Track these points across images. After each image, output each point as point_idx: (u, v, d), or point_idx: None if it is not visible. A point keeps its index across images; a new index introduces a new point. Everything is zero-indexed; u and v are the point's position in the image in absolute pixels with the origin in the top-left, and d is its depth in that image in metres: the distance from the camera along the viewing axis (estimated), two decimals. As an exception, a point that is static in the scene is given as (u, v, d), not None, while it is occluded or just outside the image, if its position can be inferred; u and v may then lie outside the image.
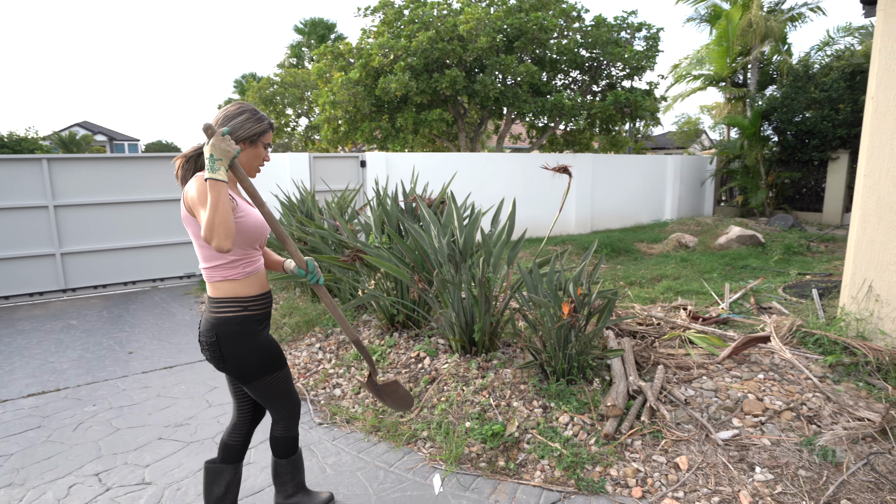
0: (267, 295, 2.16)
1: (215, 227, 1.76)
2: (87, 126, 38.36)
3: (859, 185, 3.92)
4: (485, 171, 10.78)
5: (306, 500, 2.50)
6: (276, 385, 2.17)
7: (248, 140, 2.05)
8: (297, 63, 24.46)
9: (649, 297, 5.70)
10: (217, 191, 1.78)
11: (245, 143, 2.06)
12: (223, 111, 2.06)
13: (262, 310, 2.11)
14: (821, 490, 2.48)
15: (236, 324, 2.03)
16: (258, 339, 2.08)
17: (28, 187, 7.03)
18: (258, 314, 2.10)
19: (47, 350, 5.06)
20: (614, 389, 3.13)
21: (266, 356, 2.10)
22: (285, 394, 2.22)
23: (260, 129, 2.07)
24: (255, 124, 2.06)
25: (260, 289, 2.11)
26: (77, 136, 30.87)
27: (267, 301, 2.15)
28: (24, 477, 2.93)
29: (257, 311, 2.09)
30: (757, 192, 12.77)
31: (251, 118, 2.05)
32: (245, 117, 2.04)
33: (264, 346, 2.10)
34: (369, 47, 11.62)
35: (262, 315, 2.12)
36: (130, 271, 7.82)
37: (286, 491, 2.45)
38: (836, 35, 13.52)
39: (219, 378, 4.28)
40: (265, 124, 2.09)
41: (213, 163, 1.81)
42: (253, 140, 2.07)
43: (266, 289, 2.16)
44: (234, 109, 2.05)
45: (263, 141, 2.10)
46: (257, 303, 2.09)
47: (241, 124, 2.03)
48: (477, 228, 3.78)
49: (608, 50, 12.07)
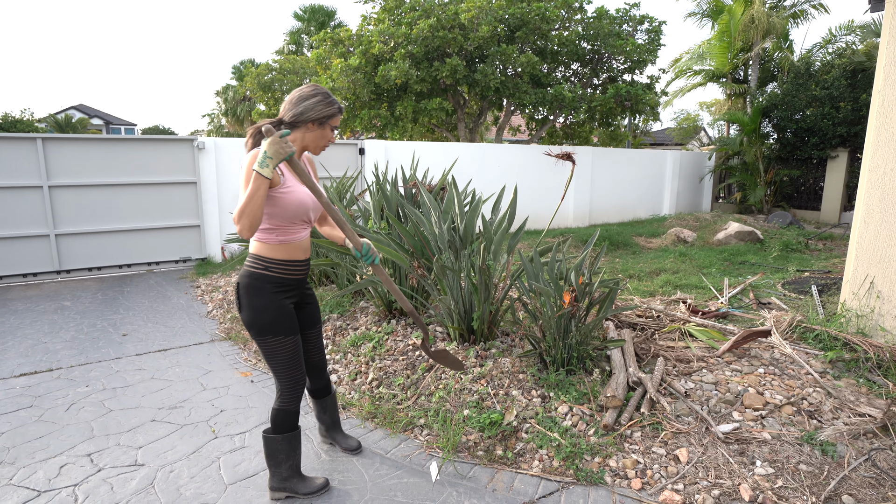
0: (293, 263, 2.29)
1: (244, 216, 2.01)
2: (84, 109, 37.98)
3: (863, 179, 3.89)
4: (484, 161, 10.71)
5: (301, 486, 2.47)
6: (275, 350, 2.28)
7: (317, 121, 2.22)
8: (297, 50, 24.23)
9: (648, 291, 5.68)
10: (258, 185, 1.99)
11: (314, 124, 2.23)
12: (298, 91, 2.23)
13: (281, 275, 2.26)
14: (822, 485, 2.46)
15: (255, 278, 2.23)
16: (268, 299, 2.23)
17: (22, 167, 6.93)
18: (276, 277, 2.25)
19: (40, 330, 5.00)
20: (614, 380, 3.10)
21: (269, 317, 2.23)
22: (284, 363, 2.31)
23: (329, 113, 2.23)
24: (326, 108, 2.22)
25: (286, 256, 2.26)
26: (73, 119, 30.55)
27: (290, 269, 2.29)
28: (14, 456, 2.88)
29: (277, 273, 2.25)
30: (755, 189, 12.76)
31: (322, 101, 2.22)
32: (317, 100, 2.21)
33: (272, 307, 2.23)
34: (369, 34, 11.49)
35: (281, 280, 2.27)
36: (125, 254, 7.75)
37: (281, 473, 2.43)
38: (838, 33, 13.47)
39: (213, 362, 4.23)
40: (334, 108, 2.25)
41: (265, 159, 1.98)
42: (321, 122, 2.23)
43: (295, 258, 2.29)
44: (308, 91, 2.22)
45: (331, 123, 2.26)
46: (279, 267, 2.25)
47: (313, 106, 2.20)
48: (478, 215, 3.73)
49: (610, 42, 11.98)
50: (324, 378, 2.75)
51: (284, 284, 2.29)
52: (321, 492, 2.49)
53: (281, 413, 2.37)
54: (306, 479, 2.50)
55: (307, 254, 2.37)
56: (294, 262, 2.30)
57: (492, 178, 10.50)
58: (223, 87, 27.64)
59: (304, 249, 2.35)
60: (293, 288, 2.34)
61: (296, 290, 2.37)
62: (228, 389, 3.72)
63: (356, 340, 4.16)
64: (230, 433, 3.11)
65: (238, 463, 2.80)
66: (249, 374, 3.98)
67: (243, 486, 2.59)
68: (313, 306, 2.56)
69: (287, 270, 2.29)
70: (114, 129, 38.01)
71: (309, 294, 2.53)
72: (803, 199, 13.27)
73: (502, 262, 3.80)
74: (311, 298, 2.55)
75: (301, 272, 2.36)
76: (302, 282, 2.41)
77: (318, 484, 2.50)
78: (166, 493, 2.56)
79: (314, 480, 2.51)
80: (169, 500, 2.50)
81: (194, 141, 7.94)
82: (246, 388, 3.73)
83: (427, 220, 3.76)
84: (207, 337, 4.86)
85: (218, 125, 30.17)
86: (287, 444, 2.41)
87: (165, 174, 7.84)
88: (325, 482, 2.52)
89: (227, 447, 2.96)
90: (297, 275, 2.34)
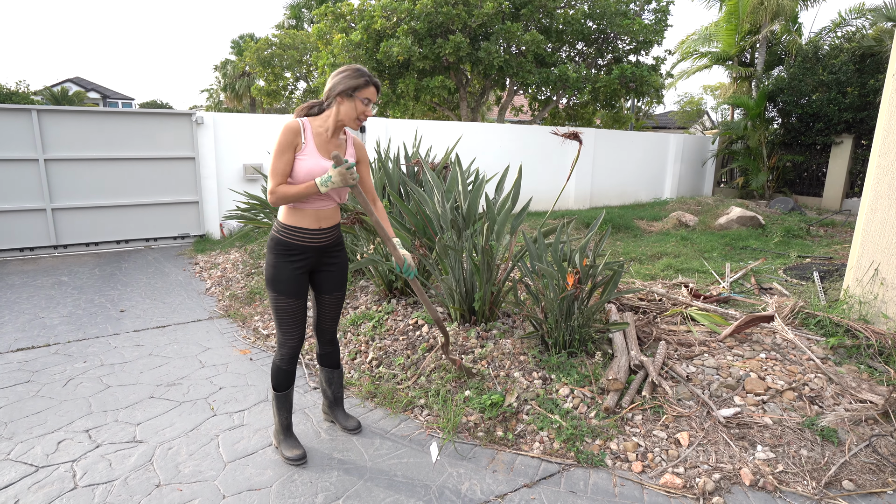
0: (302, 231, 2.39)
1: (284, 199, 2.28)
2: (80, 82, 37.48)
3: (872, 165, 3.83)
4: (486, 141, 10.60)
5: (282, 445, 2.64)
6: (275, 305, 2.45)
7: (343, 93, 2.31)
8: (297, 25, 23.83)
9: (650, 274, 5.65)
10: (308, 192, 2.26)
11: (342, 97, 2.32)
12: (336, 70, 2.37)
13: (290, 239, 2.39)
14: (822, 470, 2.46)
15: (271, 238, 2.44)
16: (276, 259, 2.41)
17: (17, 139, 6.83)
18: (285, 241, 2.39)
19: (37, 305, 4.97)
20: (616, 363, 3.08)
21: (273, 274, 2.42)
22: (280, 320, 2.47)
23: (354, 84, 2.30)
24: (351, 80, 2.31)
25: (296, 222, 2.38)
26: (69, 93, 30.17)
27: (299, 235, 2.39)
28: (12, 431, 2.87)
29: (286, 238, 2.39)
30: (758, 175, 12.66)
31: (350, 75, 2.32)
32: (345, 74, 2.32)
33: (277, 266, 2.41)
34: (371, 9, 11.27)
35: (290, 244, 2.40)
36: (123, 230, 7.69)
37: (275, 424, 2.67)
38: (848, 16, 13.24)
39: (212, 339, 4.21)
40: (361, 80, 2.31)
41: (327, 181, 2.23)
42: (349, 93, 2.31)
43: (304, 225, 2.39)
44: (340, 68, 2.35)
45: (359, 96, 2.32)
46: (291, 233, 2.39)
47: (341, 80, 2.32)
48: (481, 195, 3.68)
49: (616, 22, 11.76)
50: (329, 347, 2.81)
51: (294, 249, 2.41)
52: (292, 462, 2.57)
53: (273, 367, 2.58)
54: (288, 442, 2.64)
55: (321, 223, 2.44)
56: (303, 230, 2.39)
57: (494, 158, 10.40)
58: (222, 62, 27.24)
59: (319, 219, 2.42)
60: (302, 253, 2.43)
61: (307, 255, 2.45)
62: (227, 367, 3.70)
63: (356, 320, 4.13)
64: (229, 411, 3.10)
65: (237, 441, 2.78)
66: (248, 352, 3.96)
67: (242, 464, 2.59)
68: (333, 273, 2.59)
69: (296, 236, 2.39)
70: (111, 103, 37.56)
71: (330, 262, 2.57)
72: (805, 185, 13.19)
73: (505, 242, 3.75)
74: (333, 266, 2.58)
75: (312, 240, 2.43)
76: (316, 249, 2.47)
77: (293, 455, 2.58)
78: (165, 469, 2.55)
79: (292, 448, 2.60)
80: (168, 477, 2.49)
81: (193, 116, 7.83)
82: (245, 366, 3.71)
83: (430, 199, 3.71)
84: (206, 314, 4.83)
85: (217, 101, 29.81)
86: (275, 401, 2.59)
87: (163, 149, 7.74)
88: (298, 456, 2.58)
89: (225, 425, 2.94)
90: (307, 242, 2.42)
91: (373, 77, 2.35)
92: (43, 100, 27.06)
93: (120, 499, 2.35)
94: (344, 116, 2.35)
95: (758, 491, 2.36)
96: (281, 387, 2.57)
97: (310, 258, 2.46)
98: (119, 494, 2.37)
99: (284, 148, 2.27)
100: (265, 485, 2.44)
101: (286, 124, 2.29)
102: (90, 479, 2.48)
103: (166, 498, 2.35)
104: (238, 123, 8.19)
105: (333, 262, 2.58)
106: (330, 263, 2.57)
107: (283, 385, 2.58)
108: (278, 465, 2.58)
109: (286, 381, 2.57)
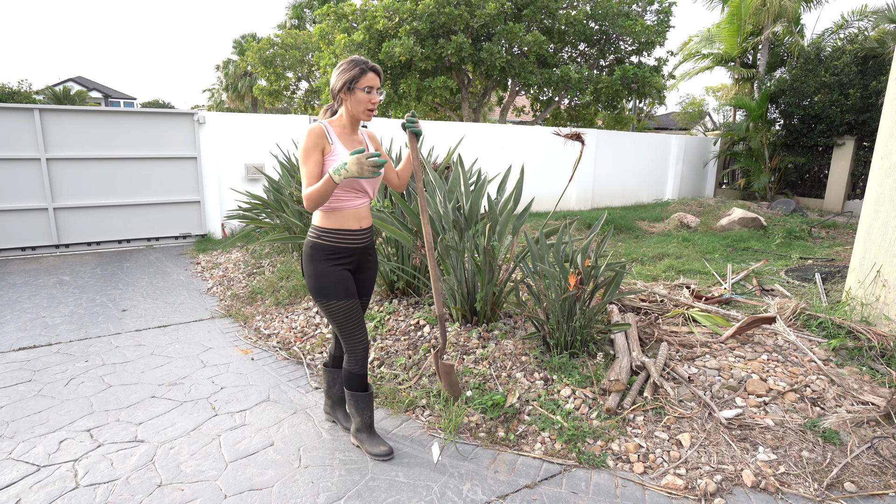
0: (344, 232, 2.37)
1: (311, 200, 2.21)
2: (82, 82, 37.54)
3: (875, 167, 3.83)
4: (488, 142, 10.60)
5: (367, 442, 2.63)
6: (331, 313, 2.40)
7: (343, 90, 2.28)
8: (299, 24, 23.86)
9: (651, 275, 5.65)
10: (327, 185, 2.17)
11: (345, 93, 2.29)
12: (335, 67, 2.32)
13: (330, 242, 2.36)
14: (824, 472, 2.45)
15: (310, 246, 2.39)
16: (318, 266, 2.37)
17: (19, 138, 6.84)
18: (325, 245, 2.36)
19: (39, 305, 4.98)
20: (617, 364, 3.08)
21: (322, 283, 2.36)
22: (341, 325, 2.42)
23: (350, 77, 2.25)
24: (347, 73, 2.25)
25: (338, 225, 2.36)
26: (71, 92, 30.21)
27: (341, 238, 2.37)
28: (13, 430, 2.87)
29: (326, 241, 2.36)
30: (760, 176, 12.65)
31: (346, 69, 2.26)
32: (341, 70, 2.27)
33: (324, 273, 2.36)
34: (374, 9, 11.28)
35: (330, 248, 2.36)
36: (125, 229, 7.70)
37: (355, 424, 2.67)
38: (851, 18, 13.23)
39: (213, 339, 4.21)
40: (356, 70, 2.24)
41: (339, 169, 2.12)
42: (349, 88, 2.27)
43: (346, 227, 2.37)
44: (338, 65, 2.29)
45: (359, 86, 2.26)
46: (330, 236, 2.36)
47: (338, 77, 2.27)
48: (483, 195, 3.68)
49: (618, 23, 11.78)
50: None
51: (337, 252, 2.39)
52: (383, 458, 2.58)
53: (347, 374, 2.54)
54: (374, 438, 2.63)
55: (362, 223, 2.44)
56: (345, 232, 2.38)
57: (495, 158, 10.40)
58: (224, 62, 27.28)
59: (359, 218, 2.41)
60: (347, 255, 2.42)
61: (351, 257, 2.44)
62: (229, 367, 3.70)
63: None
64: (230, 410, 3.10)
65: (238, 440, 2.79)
66: (250, 352, 3.96)
67: (244, 464, 2.59)
68: (367, 276, 2.60)
69: (338, 239, 2.38)
70: (113, 103, 37.61)
71: (367, 265, 2.57)
72: (807, 186, 13.17)
73: (506, 243, 3.75)
74: (368, 270, 2.59)
75: (354, 241, 2.42)
76: (358, 250, 2.46)
77: (382, 450, 2.59)
78: (166, 469, 2.55)
79: (379, 445, 2.61)
80: (169, 477, 2.49)
81: (195, 115, 7.83)
82: (246, 366, 3.72)
83: (432, 199, 3.71)
84: (207, 314, 4.83)
85: (218, 100, 29.85)
86: (356, 401, 2.58)
87: (165, 149, 7.75)
88: (388, 450, 2.59)
89: (227, 424, 2.94)
90: (349, 243, 2.41)
91: (368, 63, 2.28)
92: (45, 99, 27.11)
93: (121, 498, 2.35)
94: (353, 111, 2.33)
95: (759, 492, 2.36)
96: (365, 386, 2.56)
97: (353, 259, 2.46)
98: (120, 494, 2.37)
99: (310, 150, 2.25)
100: (267, 485, 2.44)
101: (309, 128, 2.28)
102: (91, 478, 2.48)
103: (168, 497, 2.35)
104: (240, 123, 8.20)
105: (369, 265, 2.58)
106: (367, 267, 2.57)
107: (365, 385, 2.56)
108: (279, 464, 2.58)
109: (365, 382, 2.56)
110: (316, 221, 2.39)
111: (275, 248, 6.50)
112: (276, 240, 4.88)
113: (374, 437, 2.66)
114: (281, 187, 6.07)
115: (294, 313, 4.54)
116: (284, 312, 4.61)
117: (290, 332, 4.20)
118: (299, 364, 3.73)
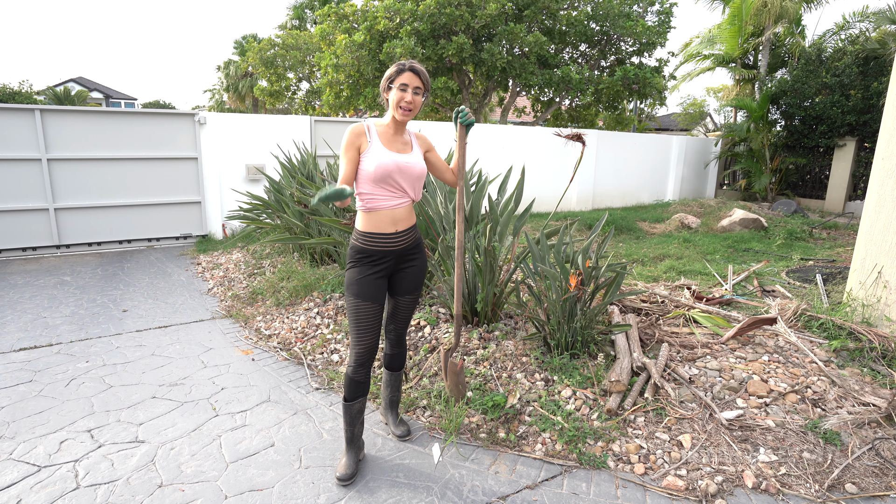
0: (378, 236, 2.40)
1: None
2: (83, 82, 37.58)
3: (876, 168, 3.83)
4: (489, 142, 10.60)
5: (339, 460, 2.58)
6: (349, 308, 2.43)
7: (385, 89, 2.43)
8: (300, 25, 23.89)
9: (652, 276, 5.64)
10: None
11: (385, 92, 2.43)
12: None
13: (364, 245, 2.41)
14: (825, 473, 2.45)
15: (350, 247, 2.47)
16: (355, 265, 2.43)
17: (20, 139, 6.84)
18: (360, 247, 2.42)
19: (40, 305, 4.98)
20: (618, 365, 3.08)
21: (350, 278, 2.43)
22: (352, 324, 2.43)
23: (389, 75, 2.40)
24: (388, 73, 2.41)
25: (369, 228, 2.40)
26: (72, 92, 30.26)
27: (376, 241, 2.40)
28: (14, 430, 2.87)
29: (363, 245, 2.41)
30: (760, 177, 12.65)
31: (388, 71, 2.42)
32: (386, 73, 2.44)
33: (354, 271, 2.43)
34: (374, 10, 11.29)
35: (364, 250, 2.41)
36: (125, 230, 7.70)
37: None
38: (852, 19, 13.22)
39: (214, 339, 4.21)
40: (394, 69, 2.39)
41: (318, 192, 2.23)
42: (388, 86, 2.41)
43: (381, 230, 2.40)
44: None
45: (395, 84, 2.37)
46: (364, 237, 2.41)
47: (383, 79, 2.44)
48: (484, 196, 3.68)
49: (619, 23, 11.78)
50: (397, 348, 2.74)
51: (373, 255, 2.42)
52: (339, 482, 2.44)
53: (344, 377, 2.52)
54: (344, 458, 2.53)
55: (398, 225, 2.44)
56: (380, 235, 2.41)
57: (496, 159, 10.40)
58: (225, 63, 27.29)
59: (394, 221, 2.42)
60: (381, 258, 2.43)
61: (386, 261, 2.45)
62: (229, 367, 3.70)
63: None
64: (231, 411, 3.10)
65: (239, 441, 2.79)
66: (250, 353, 3.96)
67: (244, 465, 2.59)
68: (409, 274, 2.56)
69: (373, 242, 2.41)
70: (113, 103, 37.65)
71: (408, 265, 2.55)
72: (808, 187, 13.17)
73: (507, 243, 3.75)
74: (411, 268, 2.56)
75: (389, 245, 2.43)
76: (393, 253, 2.46)
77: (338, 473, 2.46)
78: (167, 470, 2.55)
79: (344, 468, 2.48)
80: (170, 477, 2.49)
81: (195, 116, 7.84)
82: (247, 367, 3.72)
83: (432, 200, 3.71)
84: (208, 314, 4.83)
85: (219, 101, 29.87)
86: (342, 410, 2.52)
87: (166, 149, 7.75)
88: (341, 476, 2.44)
89: (227, 425, 2.95)
90: (383, 247, 2.42)
91: (407, 63, 2.36)
92: (46, 100, 27.14)
93: (122, 499, 2.35)
94: (392, 108, 2.40)
95: (760, 493, 2.35)
96: (349, 396, 2.47)
97: (388, 263, 2.45)
98: (121, 494, 2.38)
99: (347, 147, 2.33)
100: (267, 485, 2.44)
101: (351, 126, 2.36)
102: (92, 479, 2.48)
103: (168, 498, 2.35)
104: (241, 124, 8.20)
105: (411, 265, 2.55)
106: (408, 267, 2.55)
107: (351, 394, 2.46)
108: (280, 465, 2.58)
109: (354, 390, 2.46)
110: (356, 223, 2.46)
111: (275, 249, 6.50)
112: (277, 240, 4.88)
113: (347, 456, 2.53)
114: (282, 188, 6.07)
115: (295, 314, 4.54)
116: (285, 313, 4.61)
117: (291, 333, 4.20)
118: (300, 365, 3.74)
